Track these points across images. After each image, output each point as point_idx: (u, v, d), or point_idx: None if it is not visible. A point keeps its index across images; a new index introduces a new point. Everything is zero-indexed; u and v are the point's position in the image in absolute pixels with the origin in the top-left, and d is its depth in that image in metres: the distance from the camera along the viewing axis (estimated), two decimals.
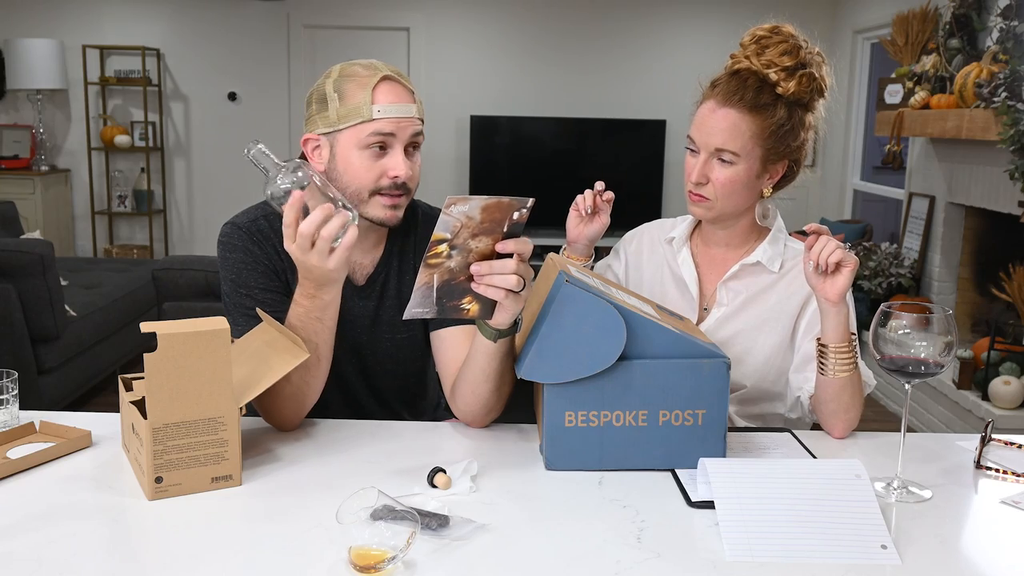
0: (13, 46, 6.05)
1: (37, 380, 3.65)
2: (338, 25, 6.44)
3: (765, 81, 1.55)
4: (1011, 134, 3.43)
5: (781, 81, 1.54)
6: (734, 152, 1.55)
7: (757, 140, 1.56)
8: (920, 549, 1.13)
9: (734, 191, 1.58)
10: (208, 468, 1.24)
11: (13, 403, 1.44)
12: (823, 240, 1.43)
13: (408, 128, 1.49)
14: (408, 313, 1.26)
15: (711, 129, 1.56)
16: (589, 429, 1.33)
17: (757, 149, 1.56)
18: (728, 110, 1.55)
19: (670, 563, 1.08)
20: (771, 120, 1.55)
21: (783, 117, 1.56)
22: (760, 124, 1.55)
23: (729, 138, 1.55)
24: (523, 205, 1.25)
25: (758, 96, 1.54)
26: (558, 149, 6.44)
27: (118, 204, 6.54)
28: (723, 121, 1.55)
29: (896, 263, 4.73)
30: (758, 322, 1.64)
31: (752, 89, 1.54)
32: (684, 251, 1.72)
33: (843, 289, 1.42)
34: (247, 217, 1.58)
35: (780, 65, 1.54)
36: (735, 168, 1.56)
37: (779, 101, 1.55)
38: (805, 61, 1.55)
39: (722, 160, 1.57)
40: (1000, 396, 3.62)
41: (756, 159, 1.57)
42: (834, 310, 1.44)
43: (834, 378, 1.46)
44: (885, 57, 5.09)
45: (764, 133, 1.55)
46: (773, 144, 1.57)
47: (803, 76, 1.54)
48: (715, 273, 1.70)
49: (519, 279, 1.27)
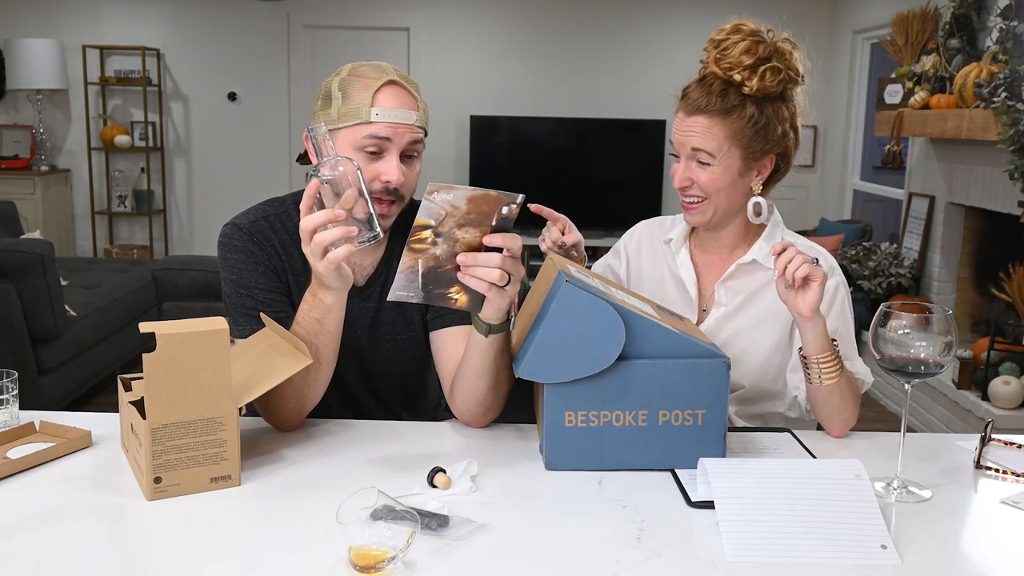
0: (13, 46, 6.05)
1: (37, 380, 3.65)
2: (338, 25, 6.44)
3: (730, 83, 1.55)
4: (1011, 134, 3.43)
5: (745, 80, 1.55)
6: (710, 153, 1.57)
7: (732, 141, 1.57)
8: (920, 549, 1.13)
9: (720, 189, 1.59)
10: (207, 468, 1.24)
11: (13, 403, 1.44)
12: (789, 253, 1.42)
13: (405, 135, 1.48)
14: (392, 295, 1.27)
15: (684, 135, 1.59)
16: (589, 429, 1.33)
17: (735, 149, 1.57)
18: (697, 117, 1.57)
19: (670, 563, 1.08)
20: (742, 120, 1.56)
21: (754, 114, 1.56)
22: (732, 126, 1.56)
23: (703, 140, 1.57)
24: (512, 200, 1.25)
25: (724, 100, 1.55)
26: (558, 149, 6.44)
27: (118, 204, 6.54)
28: (695, 126, 1.58)
29: (896, 263, 4.73)
30: (756, 321, 1.64)
31: (717, 94, 1.56)
32: (683, 252, 1.72)
33: (814, 303, 1.42)
34: (247, 218, 1.58)
35: (741, 65, 1.54)
36: (714, 169, 1.58)
37: (747, 100, 1.56)
38: (767, 55, 1.56)
39: (700, 162, 1.58)
40: (1000, 396, 3.62)
41: (736, 158, 1.58)
42: (809, 324, 1.45)
43: (821, 386, 1.47)
44: (885, 57, 5.09)
45: (738, 134, 1.56)
46: (750, 142, 1.57)
47: (766, 71, 1.55)
48: (713, 274, 1.70)
49: (502, 273, 1.27)
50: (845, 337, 1.59)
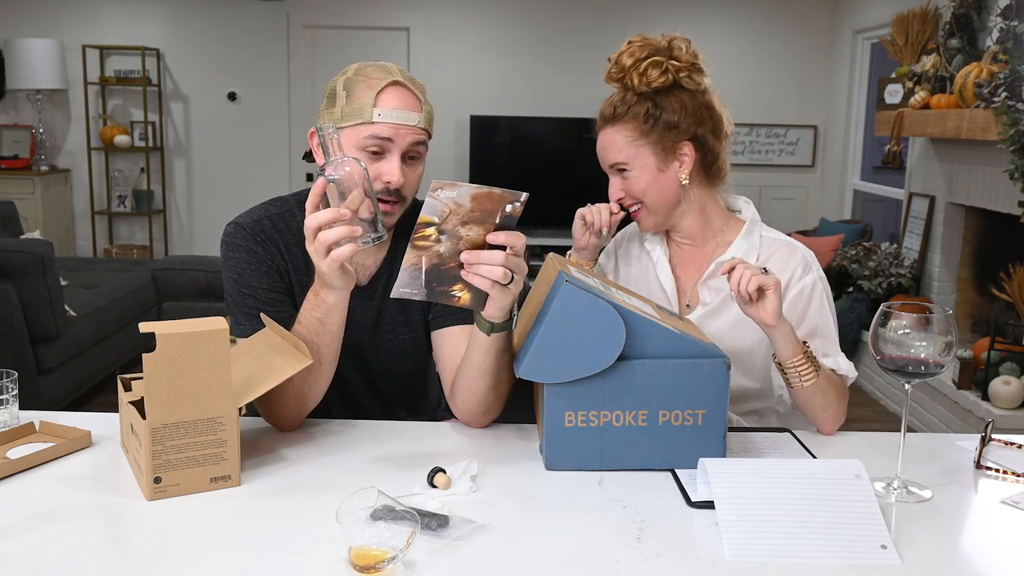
0: (13, 46, 6.05)
1: (37, 380, 3.65)
2: (338, 25, 6.44)
3: (626, 89, 1.65)
4: (1011, 134, 3.43)
5: (628, 81, 1.63)
6: (623, 162, 1.65)
7: (637, 142, 1.64)
8: (920, 549, 1.13)
9: (645, 190, 1.66)
10: (207, 468, 1.24)
11: (13, 403, 1.44)
12: (738, 270, 1.45)
13: (407, 136, 1.49)
14: (396, 292, 1.27)
15: (600, 153, 1.69)
16: (589, 429, 1.33)
17: (643, 148, 1.64)
18: (604, 131, 1.68)
19: (670, 563, 1.08)
20: (637, 119, 1.63)
21: (648, 109, 1.63)
22: (630, 127, 1.64)
23: (614, 152, 1.66)
24: (516, 199, 1.25)
25: (616, 108, 1.65)
26: (558, 149, 6.44)
27: (118, 204, 6.54)
28: (604, 141, 1.68)
29: (896, 263, 4.73)
30: (737, 320, 1.63)
31: (611, 105, 1.66)
32: (658, 250, 1.76)
33: (774, 310, 1.45)
34: (250, 217, 1.58)
35: (624, 67, 1.63)
36: (632, 173, 1.66)
37: (640, 99, 1.63)
38: (646, 55, 1.62)
39: (620, 171, 1.67)
40: (1000, 396, 3.61)
41: (648, 156, 1.64)
42: (776, 332, 1.47)
43: (802, 388, 1.49)
44: (885, 57, 5.09)
45: (638, 133, 1.63)
46: (656, 137, 1.63)
47: (647, 67, 1.61)
48: (692, 270, 1.73)
49: (505, 271, 1.27)
50: (826, 333, 1.61)
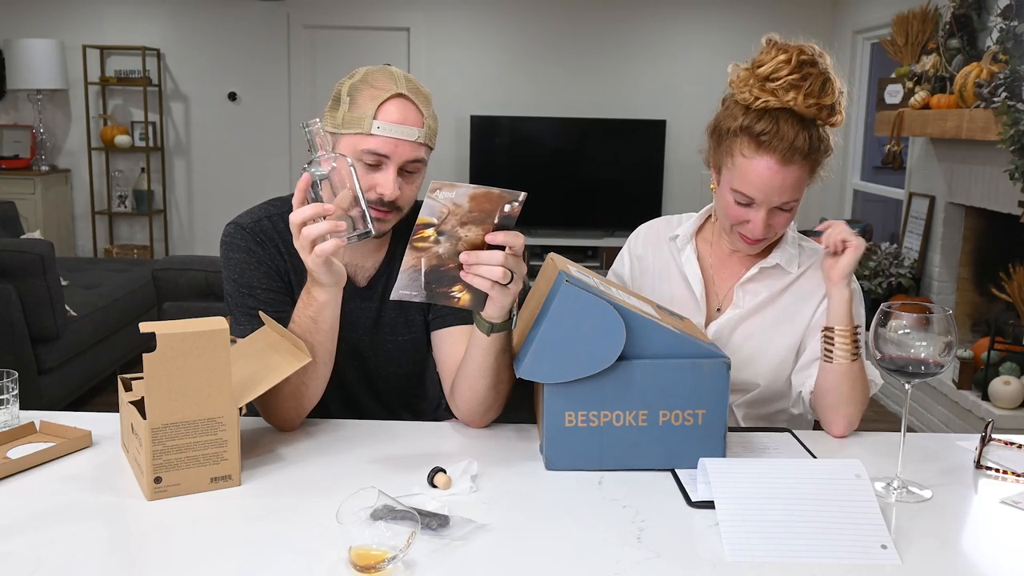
0: (13, 46, 6.05)
1: (37, 380, 3.65)
2: (338, 25, 6.44)
3: (803, 117, 1.51)
4: (1011, 134, 3.43)
5: (819, 118, 1.51)
6: (797, 199, 1.55)
7: (809, 173, 1.56)
8: (920, 549, 1.13)
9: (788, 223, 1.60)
10: (207, 468, 1.24)
11: (13, 403, 1.44)
12: (836, 225, 1.50)
13: (405, 151, 1.46)
14: (395, 294, 1.27)
15: (774, 189, 1.52)
16: (589, 429, 1.33)
17: (808, 179, 1.57)
18: (791, 168, 1.51)
19: (670, 563, 1.08)
20: (817, 152, 1.54)
21: (820, 136, 1.54)
22: (813, 160, 1.54)
23: (790, 191, 1.53)
24: (515, 198, 1.25)
25: (808, 141, 1.51)
26: (558, 149, 6.44)
27: (118, 204, 6.54)
28: (788, 179, 1.51)
29: (896, 263, 4.73)
30: (773, 323, 1.64)
31: (802, 136, 1.49)
32: (688, 249, 1.72)
33: (845, 268, 1.48)
34: (250, 217, 1.58)
35: (821, 104, 1.50)
36: (793, 207, 1.56)
37: (815, 128, 1.53)
38: (835, 87, 1.52)
39: (783, 209, 1.55)
40: (1000, 396, 3.61)
41: (806, 186, 1.57)
42: (835, 290, 1.49)
43: (835, 364, 1.49)
44: (885, 57, 5.09)
45: (814, 166, 1.56)
46: (817, 166, 1.57)
47: (837, 103, 1.52)
48: (729, 272, 1.70)
49: (505, 271, 1.27)
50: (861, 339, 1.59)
